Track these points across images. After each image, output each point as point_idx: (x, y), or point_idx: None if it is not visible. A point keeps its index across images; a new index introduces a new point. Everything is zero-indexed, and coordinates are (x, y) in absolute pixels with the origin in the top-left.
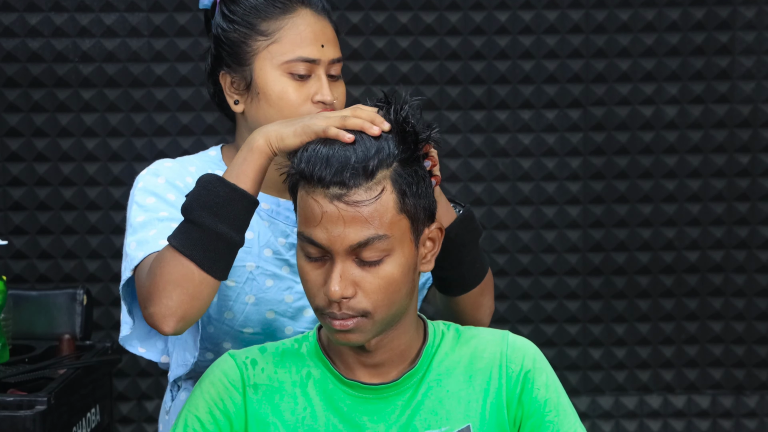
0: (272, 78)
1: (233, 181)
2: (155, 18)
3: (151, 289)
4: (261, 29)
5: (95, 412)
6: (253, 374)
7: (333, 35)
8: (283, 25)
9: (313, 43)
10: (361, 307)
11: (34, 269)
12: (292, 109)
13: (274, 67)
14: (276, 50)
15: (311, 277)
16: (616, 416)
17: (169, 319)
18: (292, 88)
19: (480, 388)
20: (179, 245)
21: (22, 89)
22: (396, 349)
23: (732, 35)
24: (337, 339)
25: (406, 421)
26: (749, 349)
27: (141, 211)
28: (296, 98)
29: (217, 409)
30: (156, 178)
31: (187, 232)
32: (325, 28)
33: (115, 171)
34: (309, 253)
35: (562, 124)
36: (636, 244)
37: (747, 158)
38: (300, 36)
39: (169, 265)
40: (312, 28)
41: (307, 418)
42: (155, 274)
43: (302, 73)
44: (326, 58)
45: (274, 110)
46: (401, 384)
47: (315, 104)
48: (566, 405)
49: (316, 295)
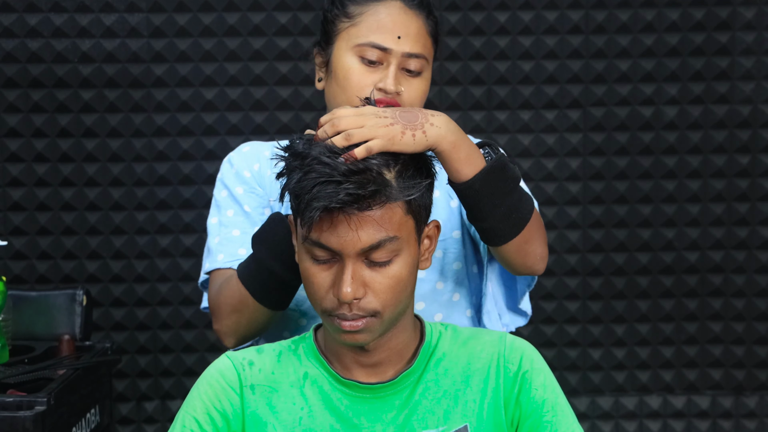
0: (344, 58)
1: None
2: (155, 18)
3: (214, 307)
4: (348, 11)
5: (95, 412)
6: (251, 375)
7: (418, 31)
8: (367, 11)
9: (390, 33)
10: (371, 308)
11: (33, 270)
12: (355, 90)
13: (348, 48)
14: (354, 33)
15: (318, 279)
16: (615, 417)
17: (229, 337)
18: (358, 71)
19: (477, 388)
20: (240, 275)
21: (21, 90)
22: (394, 348)
23: (731, 36)
24: (344, 340)
25: (404, 421)
26: (749, 349)
27: (215, 210)
28: (360, 80)
29: (215, 409)
30: (231, 168)
31: (248, 264)
32: (409, 22)
33: (114, 171)
34: (317, 256)
35: (561, 124)
36: (635, 244)
37: (746, 159)
38: (378, 23)
39: (230, 290)
40: (393, 18)
41: (305, 418)
42: (219, 294)
43: (372, 59)
44: (400, 49)
45: (340, 89)
46: (398, 383)
47: (377, 90)
48: (564, 406)
49: (323, 298)
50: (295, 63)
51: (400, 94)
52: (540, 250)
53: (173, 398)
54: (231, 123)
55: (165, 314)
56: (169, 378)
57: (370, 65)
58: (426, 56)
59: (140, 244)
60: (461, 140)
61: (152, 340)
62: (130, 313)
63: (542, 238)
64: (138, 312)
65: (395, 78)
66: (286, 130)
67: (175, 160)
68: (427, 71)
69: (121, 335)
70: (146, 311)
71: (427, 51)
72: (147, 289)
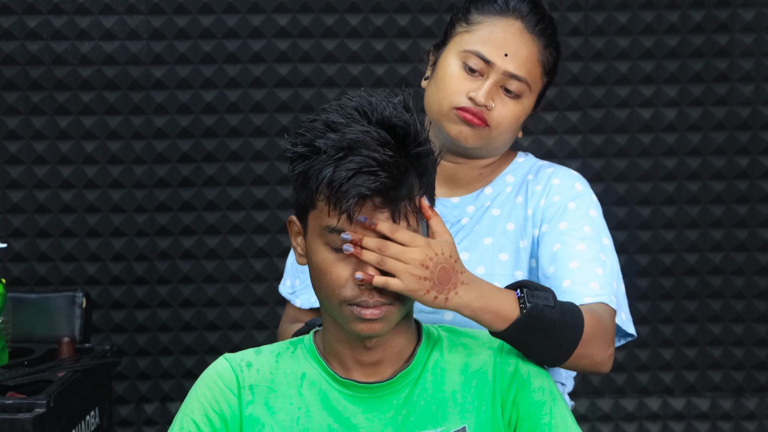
0: (449, 60)
1: None
2: (154, 21)
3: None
4: (469, 18)
5: (94, 414)
6: (248, 375)
7: (529, 55)
8: (485, 21)
9: (498, 47)
10: (391, 293)
11: (33, 272)
12: (448, 92)
13: (456, 52)
14: (466, 39)
15: (337, 268)
16: (615, 419)
17: None
18: (458, 75)
19: (476, 389)
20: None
21: (21, 92)
22: (394, 347)
23: (731, 38)
24: (361, 330)
25: (402, 421)
26: (749, 351)
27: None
28: (456, 85)
29: (213, 411)
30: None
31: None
32: (522, 44)
33: (113, 173)
34: (338, 245)
35: (561, 126)
36: (634, 246)
37: (746, 160)
38: (491, 35)
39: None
40: (506, 36)
41: (302, 419)
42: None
43: (474, 68)
44: (503, 66)
45: (436, 88)
46: (396, 383)
47: (468, 99)
48: (562, 407)
49: (343, 286)
50: (294, 65)
51: (490, 109)
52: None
53: (173, 400)
54: (230, 125)
55: (164, 316)
56: (169, 380)
57: (471, 73)
58: (529, 82)
59: (140, 246)
60: (488, 303)
61: (152, 342)
62: (130, 316)
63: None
64: (137, 314)
65: (489, 91)
66: (285, 132)
67: (175, 162)
68: (528, 98)
69: (120, 337)
70: (146, 313)
71: (531, 77)
72: (147, 291)
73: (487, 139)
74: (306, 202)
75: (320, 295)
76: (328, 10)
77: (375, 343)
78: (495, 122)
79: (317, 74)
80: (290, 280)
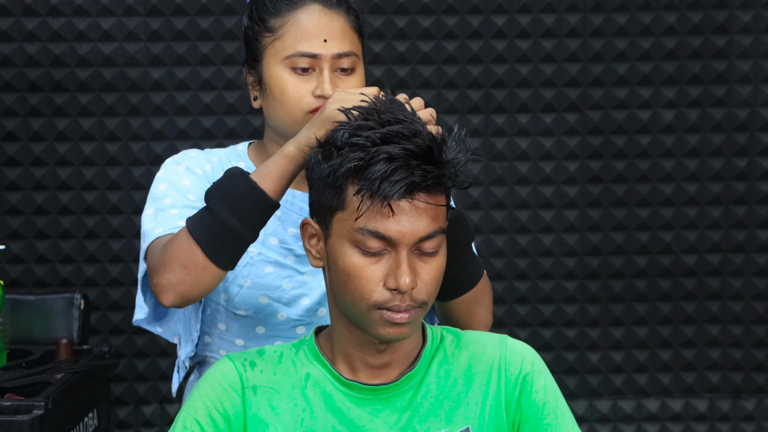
0: (276, 73)
1: (257, 179)
2: (152, 22)
3: (159, 262)
4: (269, 26)
5: (93, 416)
6: (252, 376)
7: (343, 29)
8: (287, 21)
9: (315, 38)
10: (420, 298)
11: (31, 274)
12: (294, 103)
13: (278, 62)
14: (279, 46)
15: (367, 273)
16: (613, 420)
17: (169, 293)
18: (292, 83)
19: (479, 391)
20: (191, 227)
21: (19, 93)
22: (404, 349)
23: (729, 39)
24: (388, 334)
25: (406, 423)
26: (747, 352)
27: (151, 202)
28: (296, 92)
29: (216, 411)
30: (177, 166)
31: (201, 218)
32: (332, 22)
33: (112, 175)
34: (368, 247)
35: (559, 127)
36: (633, 247)
37: (744, 162)
38: (301, 31)
39: (179, 245)
40: (315, 23)
41: (306, 420)
42: (166, 249)
43: (304, 67)
44: (329, 52)
45: (279, 105)
46: (401, 385)
47: (316, 98)
48: (564, 408)
49: (374, 291)
50: None
51: None
52: (486, 314)
53: (171, 402)
54: (229, 126)
55: None
56: (167, 381)
57: (303, 74)
58: (356, 52)
59: (138, 247)
60: None
61: (150, 343)
62: (128, 317)
63: (489, 303)
64: None
65: (331, 81)
66: None
67: None
68: (359, 66)
69: (118, 339)
70: None
71: (355, 47)
72: None
73: None
74: (333, 204)
75: (345, 299)
76: None
77: (387, 346)
78: None
79: None
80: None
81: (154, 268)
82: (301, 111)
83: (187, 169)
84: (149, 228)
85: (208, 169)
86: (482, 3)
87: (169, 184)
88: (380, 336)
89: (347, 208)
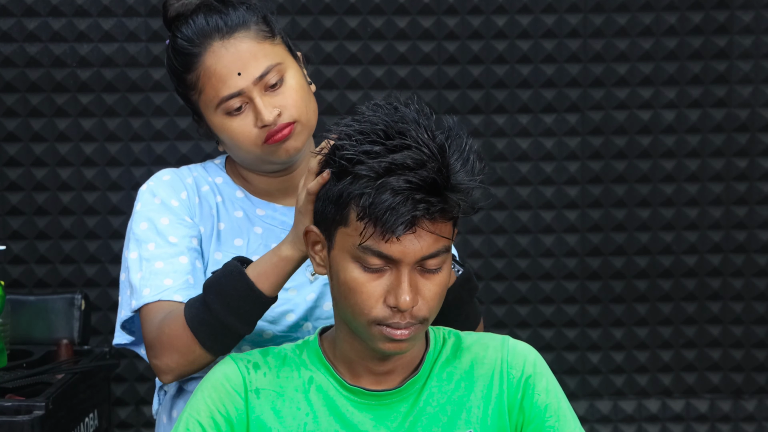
0: (217, 122)
1: (254, 278)
2: (153, 23)
3: (155, 343)
4: (188, 83)
5: (93, 417)
6: (255, 378)
7: (251, 49)
8: (199, 72)
9: (229, 77)
10: (422, 315)
11: (32, 274)
12: (245, 144)
13: (214, 114)
14: (205, 99)
15: (368, 288)
16: (614, 420)
17: (167, 375)
18: (235, 125)
19: (482, 393)
20: (189, 319)
21: (20, 94)
22: (407, 356)
23: (730, 39)
24: (388, 349)
25: (409, 428)
26: (747, 353)
27: (134, 244)
28: (242, 132)
29: (219, 414)
30: (153, 198)
31: (199, 311)
32: (237, 51)
33: (113, 176)
34: (369, 264)
35: (560, 128)
36: (634, 248)
37: (745, 162)
38: (215, 77)
39: (177, 332)
40: (223, 62)
41: (309, 424)
42: (163, 332)
43: (237, 107)
44: (248, 82)
45: (235, 148)
46: (404, 390)
47: (260, 130)
48: (566, 410)
49: (373, 307)
50: None
51: (282, 115)
52: None
53: None
54: None
55: None
56: None
57: (239, 113)
58: (276, 61)
59: None
60: None
61: None
62: None
63: None
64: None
65: (266, 107)
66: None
67: (173, 164)
68: (289, 68)
69: None
70: None
71: (272, 55)
72: None
73: (303, 135)
74: (336, 218)
75: (346, 312)
76: (327, 12)
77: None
78: (294, 108)
79: (315, 76)
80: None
81: (152, 347)
82: (256, 146)
83: (162, 204)
84: (136, 280)
85: (184, 197)
86: (483, 3)
87: (149, 223)
88: (379, 350)
89: (350, 226)
